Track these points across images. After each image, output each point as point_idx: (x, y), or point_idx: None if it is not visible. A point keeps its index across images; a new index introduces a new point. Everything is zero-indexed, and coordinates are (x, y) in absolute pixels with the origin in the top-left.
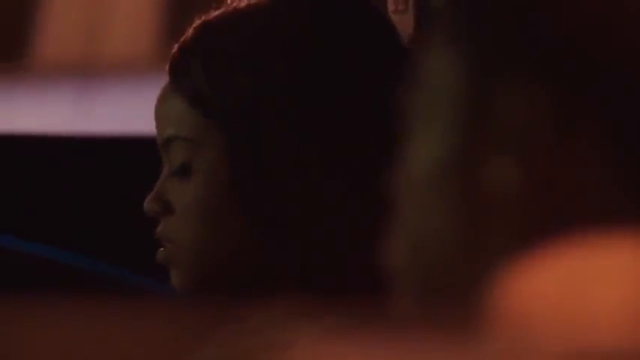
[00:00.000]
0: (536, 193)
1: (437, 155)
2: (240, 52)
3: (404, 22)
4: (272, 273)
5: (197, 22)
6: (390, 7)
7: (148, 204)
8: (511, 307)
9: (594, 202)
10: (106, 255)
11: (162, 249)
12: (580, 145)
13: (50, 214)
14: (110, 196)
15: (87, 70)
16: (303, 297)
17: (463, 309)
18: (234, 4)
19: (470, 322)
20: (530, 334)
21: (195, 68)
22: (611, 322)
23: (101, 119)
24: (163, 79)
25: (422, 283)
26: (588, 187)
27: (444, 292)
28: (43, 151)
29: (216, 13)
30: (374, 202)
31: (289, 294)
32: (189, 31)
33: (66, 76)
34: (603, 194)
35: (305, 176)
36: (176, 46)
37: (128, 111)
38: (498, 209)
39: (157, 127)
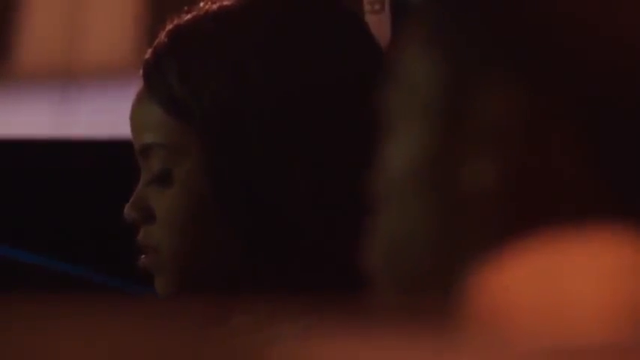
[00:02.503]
0: (511, 191)
1: (414, 154)
2: (215, 55)
3: (380, 23)
4: (255, 278)
5: (170, 27)
6: (366, 7)
7: (128, 211)
8: (488, 304)
9: (570, 199)
10: (85, 258)
11: (144, 256)
12: (556, 143)
13: (31, 218)
14: (91, 199)
15: (67, 75)
16: (284, 297)
17: (441, 306)
18: (206, 7)
19: (448, 319)
20: (506, 330)
21: (171, 74)
22: (586, 317)
23: (82, 124)
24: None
25: (399, 282)
26: (564, 184)
27: (421, 289)
28: (24, 155)
29: (189, 16)
30: (355, 203)
31: (271, 295)
32: (163, 36)
33: (46, 82)
34: (579, 191)
35: (286, 179)
36: (149, 51)
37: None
38: (474, 207)
39: (133, 133)
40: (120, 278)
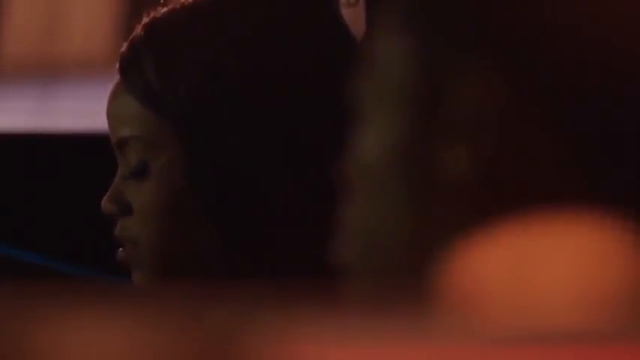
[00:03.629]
0: (485, 180)
1: (387, 142)
2: (191, 49)
3: (355, 16)
4: (232, 269)
5: (146, 20)
6: (342, 0)
7: (105, 204)
8: (460, 290)
9: (544, 187)
10: (66, 252)
11: (121, 249)
12: (531, 130)
13: (11, 212)
14: (72, 193)
15: (48, 68)
16: (263, 287)
17: (414, 292)
18: (182, 0)
19: (421, 305)
20: (478, 315)
21: (147, 67)
22: (558, 303)
23: (62, 116)
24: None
25: (373, 270)
26: (539, 172)
27: (395, 278)
28: (4, 148)
29: (165, 10)
30: (330, 192)
31: (248, 286)
32: (139, 29)
33: (27, 75)
34: (552, 179)
35: (262, 171)
36: (125, 45)
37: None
38: (448, 195)
39: (110, 126)
40: (104, 272)
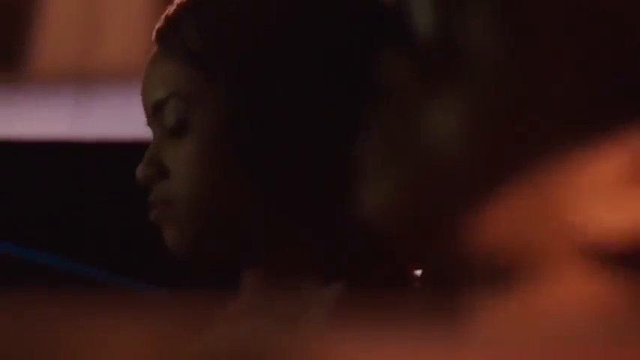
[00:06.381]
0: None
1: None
2: (235, 11)
3: None
4: (273, 225)
5: None
6: None
7: (142, 170)
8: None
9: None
10: (103, 259)
11: (155, 210)
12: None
13: (48, 218)
14: (108, 199)
15: (84, 76)
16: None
17: (448, 304)
18: None
19: (454, 317)
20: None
21: (189, 28)
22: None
23: (98, 124)
24: None
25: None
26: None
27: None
28: (42, 156)
29: None
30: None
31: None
32: (174, 4)
33: (64, 83)
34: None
35: (305, 127)
36: (163, 17)
37: (125, 116)
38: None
39: (146, 92)
40: (130, 278)
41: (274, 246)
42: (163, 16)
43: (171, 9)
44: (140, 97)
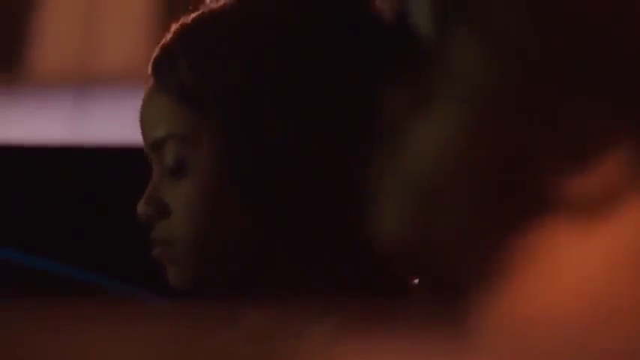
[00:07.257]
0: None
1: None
2: (226, 46)
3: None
4: (274, 263)
5: (176, 25)
6: None
7: (143, 208)
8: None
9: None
10: (103, 265)
11: (158, 248)
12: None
13: (46, 223)
14: (107, 205)
15: (83, 80)
16: (302, 297)
17: (460, 309)
18: (210, 5)
19: (466, 322)
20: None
21: (183, 67)
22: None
23: (97, 129)
24: None
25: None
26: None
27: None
28: (42, 161)
29: (194, 15)
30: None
31: (290, 294)
32: (170, 34)
33: (62, 87)
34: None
35: (303, 162)
36: (158, 49)
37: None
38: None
39: (145, 129)
40: (130, 284)
41: (275, 279)
42: (159, 46)
43: (167, 37)
44: (140, 97)
